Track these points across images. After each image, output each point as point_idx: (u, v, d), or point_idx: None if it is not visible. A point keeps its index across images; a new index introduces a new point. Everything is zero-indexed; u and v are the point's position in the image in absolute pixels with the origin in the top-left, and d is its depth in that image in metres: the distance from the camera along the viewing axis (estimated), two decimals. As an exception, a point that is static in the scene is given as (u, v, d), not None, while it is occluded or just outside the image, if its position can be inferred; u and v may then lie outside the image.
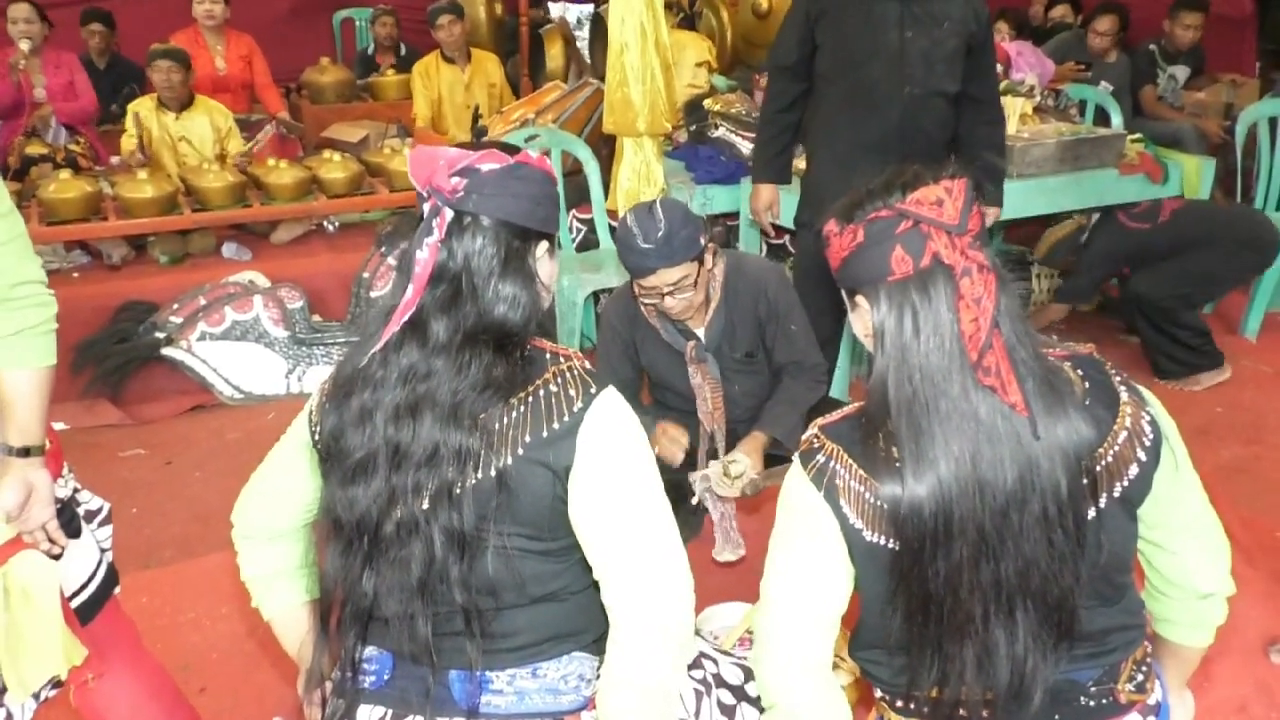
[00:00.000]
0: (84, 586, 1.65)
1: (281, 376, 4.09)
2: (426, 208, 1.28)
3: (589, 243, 4.45)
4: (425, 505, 1.26)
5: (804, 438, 1.33)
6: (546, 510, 1.30)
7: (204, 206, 4.35)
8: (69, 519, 1.61)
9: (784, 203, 3.36)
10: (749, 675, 1.61)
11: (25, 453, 1.49)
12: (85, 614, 1.65)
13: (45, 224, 4.13)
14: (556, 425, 1.28)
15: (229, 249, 4.54)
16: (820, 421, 1.32)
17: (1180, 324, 3.90)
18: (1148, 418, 1.25)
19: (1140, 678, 1.34)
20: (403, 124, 5.92)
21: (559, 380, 1.31)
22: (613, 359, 2.55)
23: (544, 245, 1.36)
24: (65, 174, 4.31)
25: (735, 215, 4.29)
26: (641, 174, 4.18)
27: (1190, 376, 3.95)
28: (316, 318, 4.28)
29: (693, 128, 4.56)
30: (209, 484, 3.39)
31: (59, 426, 3.64)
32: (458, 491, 1.26)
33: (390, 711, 1.36)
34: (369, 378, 1.29)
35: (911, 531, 1.18)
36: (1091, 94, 5.20)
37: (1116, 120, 5.01)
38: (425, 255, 1.26)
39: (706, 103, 4.55)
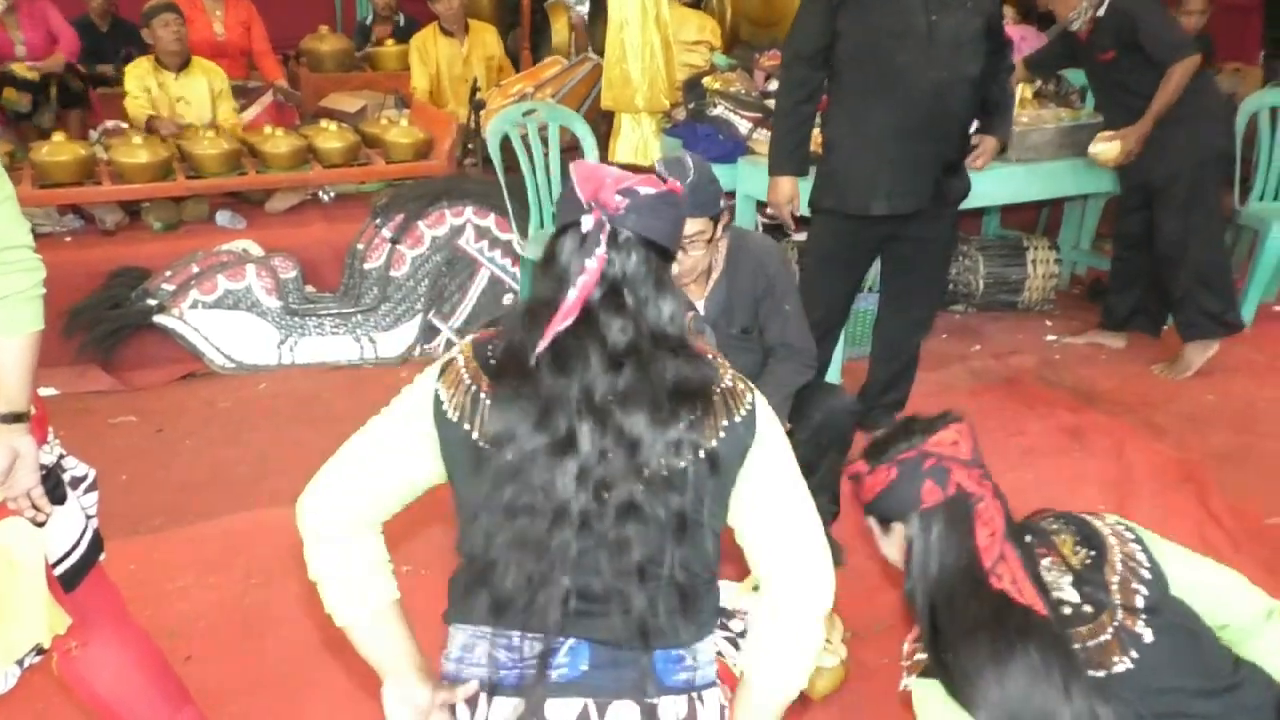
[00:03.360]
0: (68, 554, 1.65)
1: (273, 346, 4.06)
2: (589, 220, 1.32)
3: (585, 219, 4.42)
4: (640, 489, 1.31)
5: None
6: (723, 493, 1.39)
7: (199, 173, 4.33)
8: (54, 485, 1.61)
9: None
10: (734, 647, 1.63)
11: (11, 419, 1.48)
12: (69, 581, 1.64)
13: (38, 187, 4.10)
14: (738, 417, 1.37)
15: (223, 217, 4.52)
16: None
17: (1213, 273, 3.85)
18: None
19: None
20: (401, 95, 5.87)
21: (729, 377, 1.40)
22: None
23: (673, 265, 1.45)
24: (59, 136, 4.28)
25: (732, 194, 4.27)
26: (639, 151, 4.16)
27: (1200, 340, 3.91)
28: (310, 288, 4.26)
29: (691, 105, 4.53)
30: (199, 452, 3.39)
31: (50, 391, 3.64)
32: (664, 475, 1.32)
33: (590, 701, 1.35)
34: (539, 379, 1.32)
35: None
36: (1093, 80, 5.17)
37: (1117, 106, 4.97)
38: (594, 264, 1.31)
39: (705, 81, 4.52)
